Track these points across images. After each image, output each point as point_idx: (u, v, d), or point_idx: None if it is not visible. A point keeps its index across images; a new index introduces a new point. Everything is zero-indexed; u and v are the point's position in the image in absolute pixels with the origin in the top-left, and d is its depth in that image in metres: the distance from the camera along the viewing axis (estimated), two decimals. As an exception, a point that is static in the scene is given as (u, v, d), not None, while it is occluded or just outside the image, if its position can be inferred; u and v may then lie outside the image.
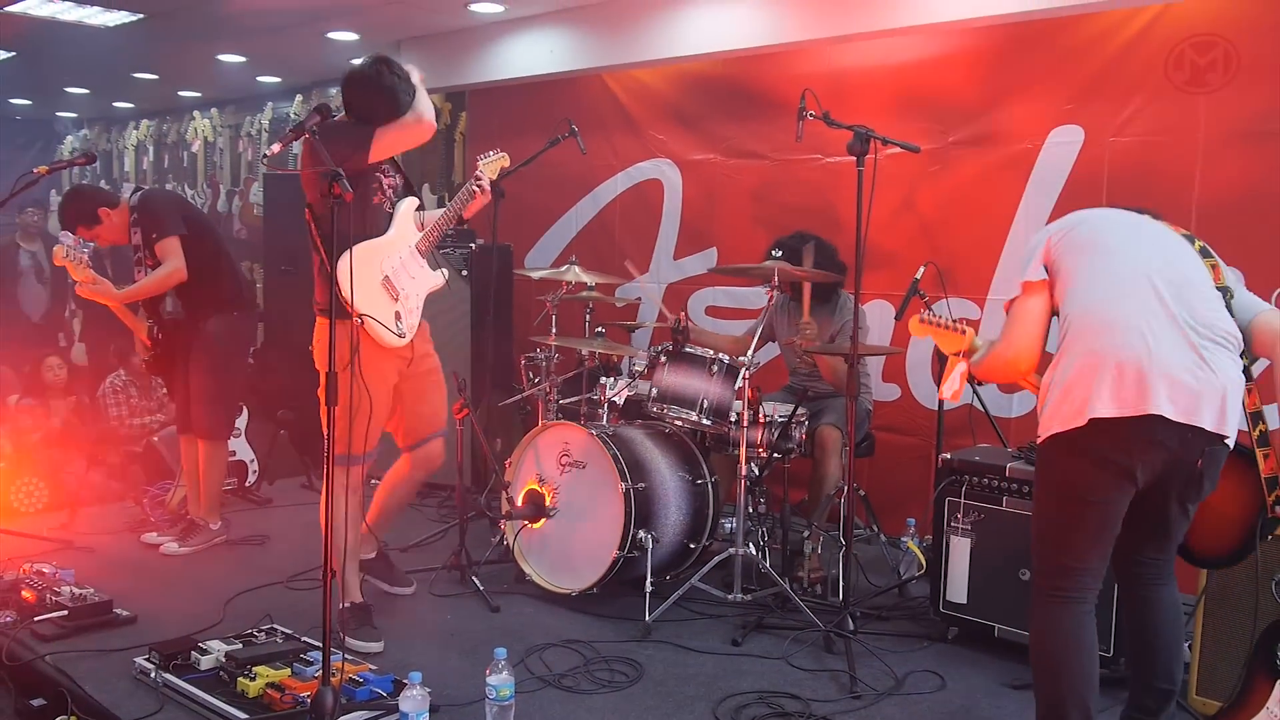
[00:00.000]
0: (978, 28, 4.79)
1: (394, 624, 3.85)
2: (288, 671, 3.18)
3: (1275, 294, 4.16)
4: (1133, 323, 2.60)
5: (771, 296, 4.27)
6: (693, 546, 4.26)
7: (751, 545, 4.13)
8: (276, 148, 3.09)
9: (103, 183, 10.63)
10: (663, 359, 4.23)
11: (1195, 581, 3.29)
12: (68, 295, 8.36)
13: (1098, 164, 4.58)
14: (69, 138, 11.16)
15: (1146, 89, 4.45)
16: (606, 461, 4.01)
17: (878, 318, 5.07)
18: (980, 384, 4.15)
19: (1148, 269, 2.68)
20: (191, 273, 4.55)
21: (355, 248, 3.36)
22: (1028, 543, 2.84)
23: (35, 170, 4.55)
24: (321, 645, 2.85)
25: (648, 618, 3.85)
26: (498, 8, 6.06)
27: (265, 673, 3.15)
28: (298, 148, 3.50)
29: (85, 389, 6.74)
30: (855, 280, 3.84)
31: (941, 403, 4.43)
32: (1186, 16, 4.34)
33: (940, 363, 4.35)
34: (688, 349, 4.20)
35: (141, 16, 6.39)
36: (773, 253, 4.31)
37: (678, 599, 3.96)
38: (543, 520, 4.21)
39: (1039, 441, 2.74)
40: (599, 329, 4.87)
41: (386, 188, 3.76)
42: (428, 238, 3.79)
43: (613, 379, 4.68)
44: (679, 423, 4.26)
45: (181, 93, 9.35)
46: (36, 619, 3.66)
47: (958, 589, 3.76)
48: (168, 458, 5.61)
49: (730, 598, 4.09)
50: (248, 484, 5.68)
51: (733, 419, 4.15)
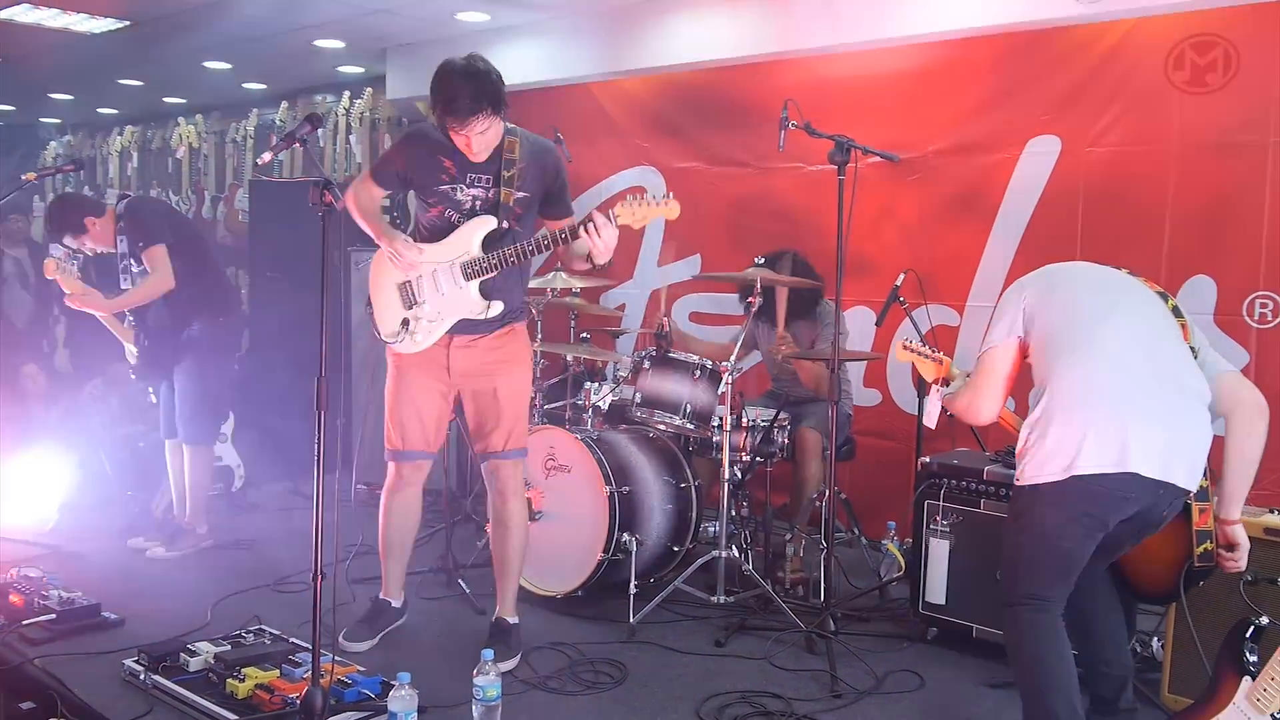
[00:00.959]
0: (956, 40, 4.87)
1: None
2: (276, 673, 3.22)
3: (1247, 301, 4.26)
4: (1114, 387, 2.73)
5: (754, 304, 4.32)
6: (676, 549, 4.32)
7: (734, 548, 4.19)
8: (267, 156, 3.14)
9: (86, 189, 10.60)
10: (646, 364, 4.29)
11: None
12: (52, 301, 8.36)
13: (1074, 174, 4.66)
14: (52, 143, 11.14)
15: (1121, 101, 4.54)
16: (591, 465, 4.06)
17: (858, 324, 5.14)
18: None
19: (1126, 333, 2.79)
20: (177, 279, 4.58)
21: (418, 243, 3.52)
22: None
23: (23, 177, 4.59)
24: (310, 647, 2.89)
25: (632, 619, 3.90)
26: (484, 16, 6.11)
27: (254, 674, 3.18)
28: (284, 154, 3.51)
29: (69, 396, 6.73)
30: (836, 287, 3.91)
31: (921, 407, 4.49)
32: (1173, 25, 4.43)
33: (920, 375, 4.41)
34: (671, 354, 4.26)
35: (128, 24, 6.41)
36: (756, 260, 4.37)
37: (662, 601, 4.02)
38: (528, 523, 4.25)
39: (1016, 483, 2.86)
40: (584, 334, 4.92)
41: (462, 200, 3.50)
42: (479, 263, 3.45)
43: (597, 384, 4.72)
44: (662, 427, 4.32)
45: (166, 99, 9.35)
46: (25, 622, 3.69)
47: (937, 590, 3.82)
48: (153, 463, 5.62)
49: (713, 600, 4.15)
50: (234, 489, 5.70)
51: (715, 423, 4.21)
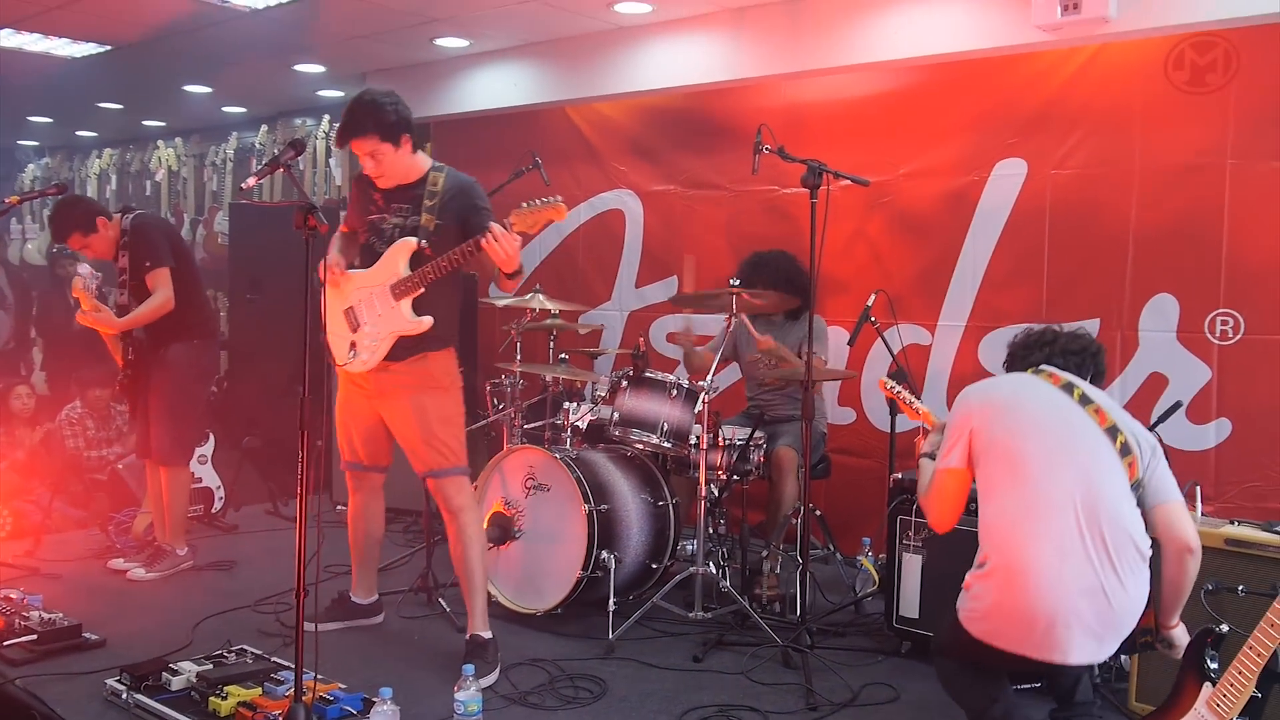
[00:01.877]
0: (925, 66, 4.99)
1: (363, 644, 3.92)
2: (259, 690, 3.24)
3: (1208, 318, 4.37)
4: (1049, 570, 2.72)
5: (729, 324, 4.41)
6: (654, 566, 4.37)
7: (712, 565, 4.25)
8: (251, 181, 3.19)
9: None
10: (624, 384, 4.36)
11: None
12: (29, 323, 8.37)
13: (1040, 196, 4.78)
14: (30, 166, 11.12)
15: (1085, 124, 4.66)
16: (570, 484, 4.12)
17: (832, 343, 5.23)
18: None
19: (1068, 499, 2.76)
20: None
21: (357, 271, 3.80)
22: (973, 559, 3.00)
23: (7, 200, 4.63)
24: (293, 666, 2.93)
25: (611, 636, 3.94)
26: (463, 42, 6.20)
27: (237, 692, 3.21)
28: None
29: (47, 418, 6.73)
30: (810, 306, 4.00)
31: (894, 425, 4.58)
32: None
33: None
34: (648, 374, 4.33)
35: (109, 48, 6.45)
36: (731, 281, 4.45)
37: (640, 617, 4.07)
38: (508, 542, 4.30)
39: (958, 607, 2.90)
40: (562, 355, 4.98)
41: (385, 228, 3.73)
42: (404, 282, 3.63)
43: (576, 404, 4.78)
44: (640, 446, 4.38)
45: (146, 122, 9.37)
46: (6, 643, 3.70)
47: (910, 604, 3.89)
48: (132, 485, 5.64)
49: (691, 616, 4.20)
50: (214, 510, 5.72)
51: (692, 442, 4.27)
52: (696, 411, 4.24)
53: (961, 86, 4.99)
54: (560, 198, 3.45)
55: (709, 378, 4.28)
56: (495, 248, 3.43)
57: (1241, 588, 3.20)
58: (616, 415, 4.33)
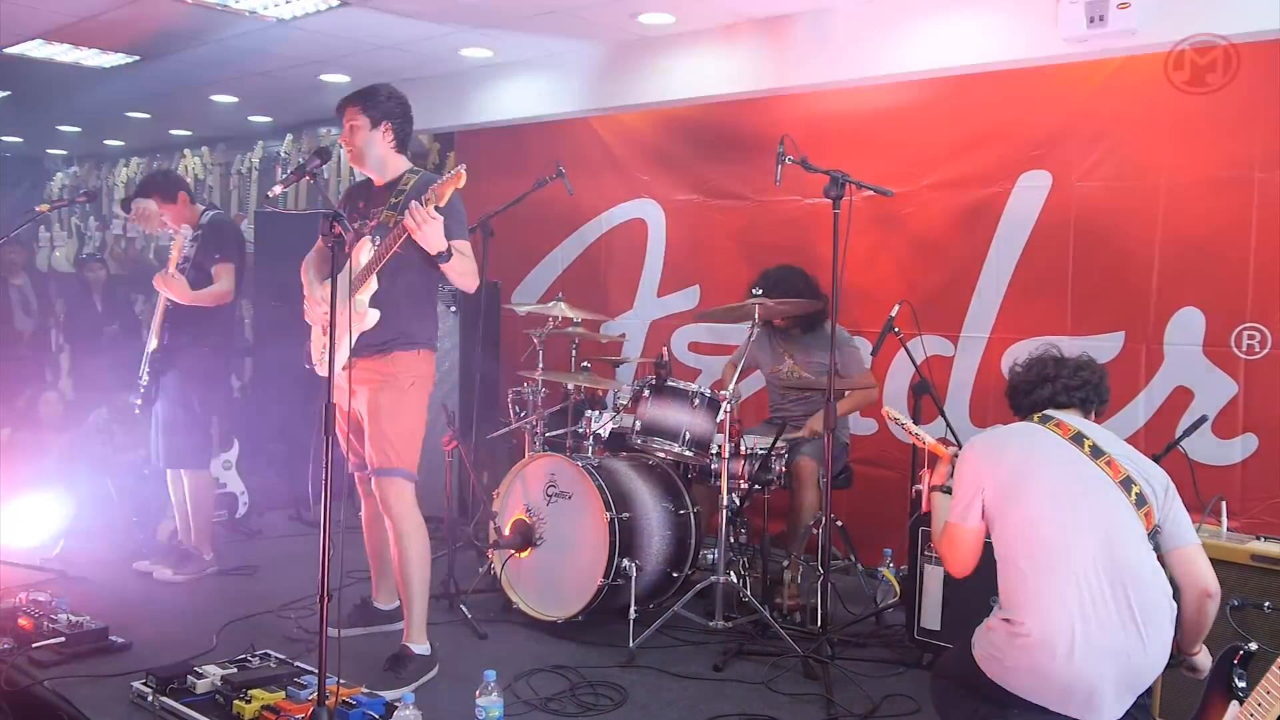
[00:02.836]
0: (950, 77, 4.98)
1: (385, 649, 3.93)
2: (282, 694, 3.27)
3: (1235, 332, 4.34)
4: (1072, 637, 2.70)
5: (752, 334, 4.42)
6: (675, 575, 4.37)
7: (733, 574, 4.25)
8: (277, 189, 3.23)
9: (91, 219, 10.72)
10: (646, 393, 4.37)
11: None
12: (53, 330, 8.46)
13: (1065, 207, 4.76)
14: (59, 174, 11.24)
15: (1111, 137, 4.64)
16: (592, 492, 4.13)
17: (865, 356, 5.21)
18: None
19: (1090, 564, 2.73)
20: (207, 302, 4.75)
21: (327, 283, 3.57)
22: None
23: (37, 208, 4.71)
24: (316, 670, 2.95)
25: (632, 644, 3.95)
26: (487, 52, 6.24)
27: (260, 695, 3.24)
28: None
29: (74, 424, 6.80)
30: (833, 318, 4.00)
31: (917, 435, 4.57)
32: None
33: (915, 398, 4.50)
34: (670, 383, 4.34)
35: (137, 58, 6.54)
36: (753, 291, 4.46)
37: (661, 626, 4.07)
38: (530, 549, 4.31)
39: (974, 642, 2.90)
40: (584, 364, 5.00)
41: (361, 230, 3.73)
42: (357, 279, 3.61)
43: (598, 412, 4.79)
44: (662, 455, 4.39)
45: (173, 131, 9.47)
46: (34, 645, 3.74)
47: (932, 616, 3.89)
48: (157, 489, 5.68)
49: (712, 625, 4.21)
50: (238, 516, 5.76)
51: (714, 451, 4.28)
52: (718, 421, 4.25)
53: (987, 98, 4.98)
54: (463, 166, 3.44)
55: (731, 387, 4.29)
56: (409, 222, 3.43)
57: (1267, 604, 3.17)
58: (638, 424, 4.34)
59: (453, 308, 6.04)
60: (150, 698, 3.32)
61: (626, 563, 4.06)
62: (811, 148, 4.10)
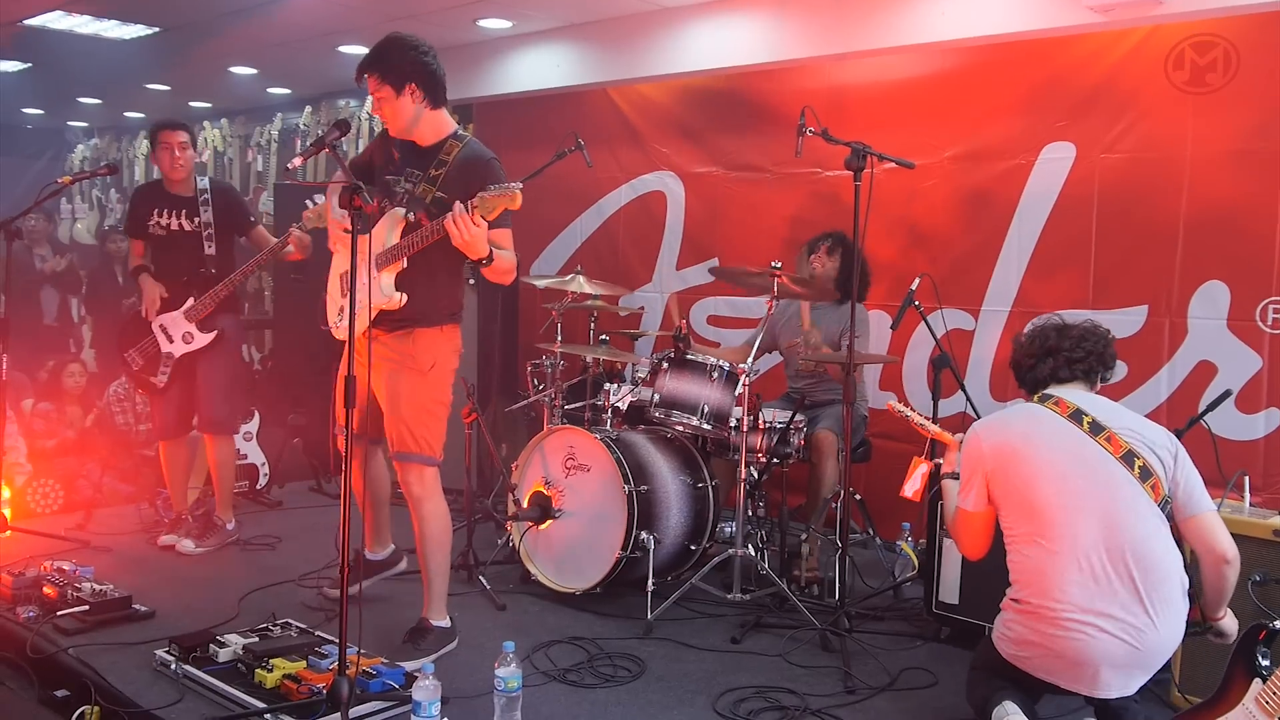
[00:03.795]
0: (972, 47, 4.92)
1: (406, 620, 3.96)
2: (303, 663, 3.30)
3: (1260, 306, 4.29)
4: (1077, 616, 2.76)
5: (771, 307, 4.40)
6: (693, 548, 4.38)
7: (750, 547, 4.25)
8: (297, 161, 3.21)
9: (113, 191, 10.77)
10: (665, 366, 4.36)
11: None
12: (76, 301, 8.52)
13: (1088, 180, 4.71)
14: (80, 147, 11.29)
15: (1135, 108, 4.58)
16: (610, 465, 4.13)
17: (875, 327, 5.19)
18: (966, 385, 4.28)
19: (1094, 544, 2.77)
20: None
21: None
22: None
23: (59, 180, 4.72)
24: (336, 640, 2.97)
25: (649, 616, 3.97)
26: (505, 23, 6.20)
27: (282, 664, 3.27)
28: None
29: (96, 395, 6.85)
30: (853, 290, 3.98)
31: (936, 410, 4.54)
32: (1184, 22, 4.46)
33: (935, 372, 4.47)
34: (689, 356, 4.33)
35: (157, 30, 6.53)
36: (773, 265, 4.44)
37: (679, 598, 4.09)
38: (548, 522, 4.33)
39: (994, 625, 2.98)
40: (603, 336, 4.99)
41: (397, 192, 3.64)
42: (387, 253, 3.52)
43: (616, 385, 4.79)
44: (680, 428, 4.39)
45: (192, 103, 9.48)
46: (59, 614, 3.78)
47: (950, 590, 3.88)
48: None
49: (730, 597, 4.22)
50: (259, 487, 5.80)
51: (733, 424, 4.27)
52: (737, 394, 4.24)
53: (1010, 68, 4.92)
54: (519, 185, 3.24)
55: (749, 362, 4.27)
56: (453, 229, 3.27)
57: (1290, 579, 3.16)
58: (657, 397, 4.34)
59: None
60: (173, 665, 3.36)
61: (644, 535, 4.07)
62: (832, 119, 4.07)
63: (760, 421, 4.38)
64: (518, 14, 6.04)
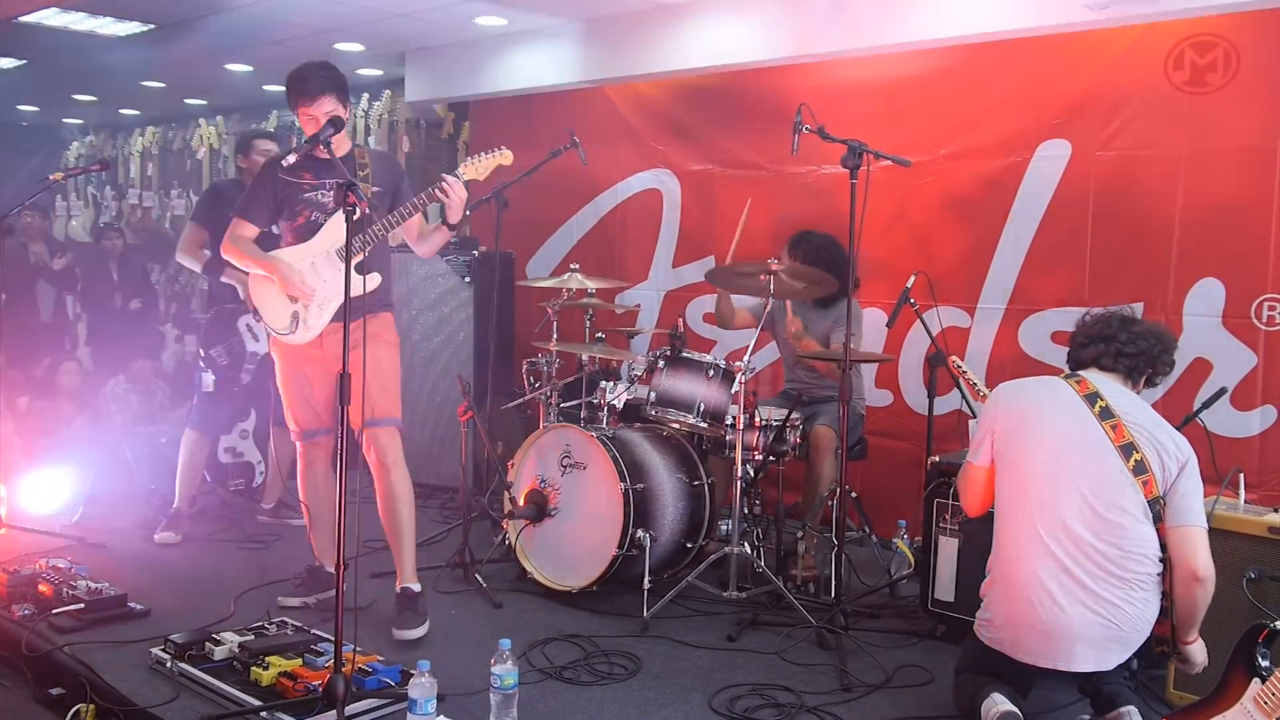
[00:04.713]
0: (968, 45, 4.92)
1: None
2: (299, 661, 3.30)
3: (1255, 303, 4.30)
4: (1049, 589, 2.86)
5: (768, 303, 4.40)
6: (690, 546, 4.38)
7: (747, 545, 4.26)
8: (291, 159, 3.22)
9: (108, 188, 10.74)
10: (661, 364, 4.36)
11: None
12: (70, 298, 8.50)
13: (1084, 178, 4.71)
14: (74, 144, 11.25)
15: (1131, 105, 4.58)
16: (606, 463, 4.13)
17: (871, 325, 5.19)
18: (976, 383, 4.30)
19: (1074, 518, 2.86)
20: None
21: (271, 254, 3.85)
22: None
23: (50, 177, 4.71)
24: (332, 638, 2.97)
25: (646, 614, 3.97)
26: (501, 21, 6.19)
27: (277, 662, 3.27)
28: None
29: (92, 392, 6.84)
30: (848, 287, 3.97)
31: (931, 408, 4.55)
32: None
33: (930, 370, 4.48)
34: (685, 354, 4.33)
35: (152, 26, 6.51)
36: (770, 262, 4.43)
37: (675, 596, 4.08)
38: (544, 520, 4.33)
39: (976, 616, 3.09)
40: (599, 334, 4.99)
41: (325, 201, 3.86)
42: (358, 243, 3.67)
43: (612, 383, 4.79)
44: (676, 426, 4.39)
45: (188, 100, 9.45)
46: (54, 611, 3.78)
47: (945, 587, 3.89)
48: (175, 460, 5.71)
49: (726, 595, 4.22)
50: (255, 485, 5.79)
51: (729, 422, 4.27)
52: (733, 391, 4.24)
53: (1005, 66, 4.92)
54: (505, 147, 3.82)
55: (746, 357, 4.27)
56: (445, 197, 3.75)
57: (1284, 576, 3.16)
58: (653, 395, 4.34)
59: (466, 278, 6.04)
60: (169, 663, 3.36)
61: (641, 533, 4.07)
62: (829, 117, 4.06)
63: (756, 419, 4.38)
64: (514, 12, 6.02)
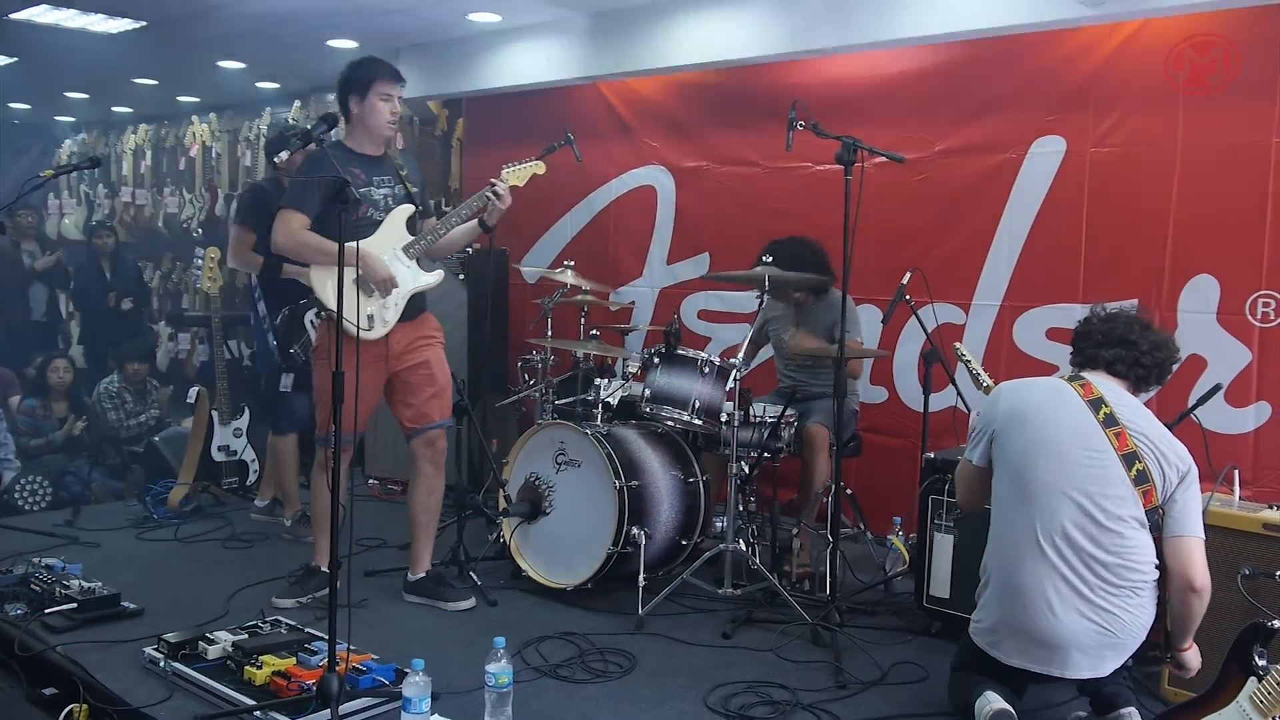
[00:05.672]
0: (962, 41, 4.91)
1: (395, 616, 3.96)
2: (293, 660, 3.28)
3: (1249, 300, 4.30)
4: (1044, 595, 2.85)
5: (762, 302, 4.39)
6: (684, 543, 4.38)
7: (741, 542, 4.25)
8: (284, 156, 3.21)
9: (100, 186, 10.70)
10: (655, 361, 4.35)
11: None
12: (63, 296, 8.47)
13: (1079, 174, 4.71)
14: (67, 141, 11.21)
15: (1126, 102, 4.58)
16: (601, 460, 4.12)
17: (865, 322, 5.19)
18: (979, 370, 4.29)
19: (1072, 526, 2.84)
20: None
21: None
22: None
23: (41, 174, 4.67)
24: (326, 636, 2.96)
25: (641, 611, 3.96)
26: (495, 17, 6.17)
27: (271, 661, 3.25)
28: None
29: (85, 392, 6.82)
30: (844, 284, 3.97)
31: (926, 404, 4.55)
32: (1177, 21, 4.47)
33: (925, 366, 4.48)
34: (680, 351, 4.32)
35: (144, 24, 6.49)
36: (763, 258, 4.42)
37: (670, 593, 4.08)
38: (539, 517, 4.32)
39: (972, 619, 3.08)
40: (593, 331, 4.98)
41: (379, 199, 3.94)
42: (417, 241, 3.94)
43: (607, 380, 4.79)
44: (671, 423, 4.38)
45: (180, 98, 9.42)
46: (47, 611, 3.76)
47: (941, 584, 3.89)
48: (169, 457, 5.71)
49: (721, 592, 4.22)
50: (248, 483, 5.77)
51: (723, 419, 4.27)
52: (728, 389, 4.23)
53: (1000, 62, 4.92)
54: (539, 160, 4.08)
55: (739, 360, 4.27)
56: (499, 202, 3.92)
57: (1278, 573, 3.16)
58: (647, 392, 4.33)
59: (460, 275, 6.02)
60: (162, 663, 3.34)
61: (635, 530, 4.06)
62: (823, 113, 4.05)
63: (751, 416, 4.37)
64: (508, 8, 6.00)
